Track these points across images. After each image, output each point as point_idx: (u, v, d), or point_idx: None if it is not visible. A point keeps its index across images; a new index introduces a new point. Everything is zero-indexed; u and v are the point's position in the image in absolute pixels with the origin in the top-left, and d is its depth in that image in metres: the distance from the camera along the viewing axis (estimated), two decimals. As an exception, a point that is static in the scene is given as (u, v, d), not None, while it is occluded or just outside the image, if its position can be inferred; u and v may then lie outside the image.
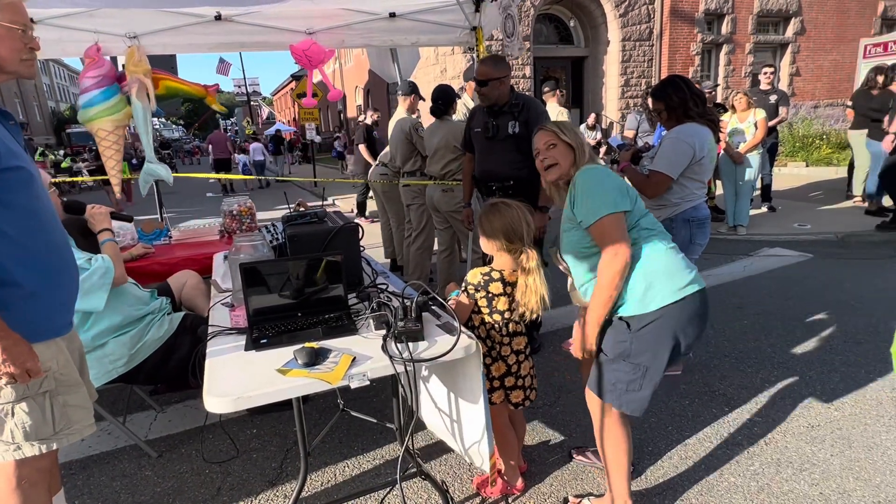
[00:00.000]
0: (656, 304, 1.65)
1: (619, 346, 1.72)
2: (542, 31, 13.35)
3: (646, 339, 1.68)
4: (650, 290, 1.66)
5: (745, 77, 13.80)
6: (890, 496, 2.02)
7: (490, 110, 3.14)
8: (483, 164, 3.28)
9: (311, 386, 1.45)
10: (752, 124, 5.62)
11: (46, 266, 1.41)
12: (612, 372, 1.76)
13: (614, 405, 1.78)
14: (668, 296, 1.66)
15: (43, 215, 1.41)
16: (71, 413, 1.50)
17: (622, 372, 1.73)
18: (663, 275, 1.68)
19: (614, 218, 1.65)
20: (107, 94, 3.36)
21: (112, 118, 3.40)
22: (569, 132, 1.87)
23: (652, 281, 1.67)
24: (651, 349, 1.68)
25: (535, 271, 1.86)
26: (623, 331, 1.71)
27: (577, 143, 1.85)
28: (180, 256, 3.16)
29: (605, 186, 1.70)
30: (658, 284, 1.67)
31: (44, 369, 1.40)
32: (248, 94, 27.54)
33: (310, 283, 1.90)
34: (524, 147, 3.09)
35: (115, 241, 2.41)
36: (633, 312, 1.69)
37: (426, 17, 3.80)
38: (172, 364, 2.38)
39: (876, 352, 3.13)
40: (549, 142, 1.87)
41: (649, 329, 1.67)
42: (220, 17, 3.51)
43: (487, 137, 3.15)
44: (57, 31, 3.34)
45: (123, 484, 2.30)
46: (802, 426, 2.48)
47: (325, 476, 2.28)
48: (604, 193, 1.68)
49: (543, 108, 3.17)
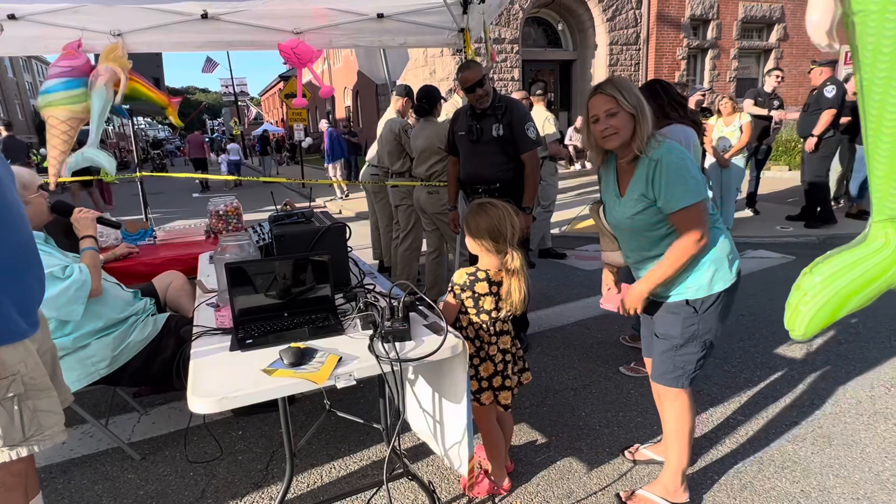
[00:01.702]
0: (719, 286, 1.79)
1: (689, 330, 1.84)
2: (530, 34, 13.43)
3: (709, 319, 1.83)
4: (716, 274, 1.79)
5: (730, 81, 14.02)
6: (868, 492, 2.05)
7: (473, 113, 3.16)
8: (468, 167, 3.29)
9: (297, 386, 1.45)
10: (737, 128, 5.71)
11: (7, 267, 1.36)
12: (684, 355, 1.88)
13: (685, 387, 1.91)
14: (730, 278, 1.80)
15: (5, 214, 1.36)
16: (42, 418, 1.45)
17: (692, 353, 1.86)
18: (725, 260, 1.80)
19: (699, 206, 1.70)
20: (70, 84, 3.17)
21: (68, 107, 3.17)
22: (630, 96, 1.73)
23: (717, 266, 1.79)
24: (714, 326, 1.85)
25: (519, 272, 1.86)
26: (691, 314, 1.83)
27: (639, 109, 1.73)
28: (165, 257, 3.12)
29: (691, 173, 1.71)
30: (722, 269, 1.80)
31: (11, 373, 1.35)
32: (235, 95, 27.32)
33: (296, 283, 1.89)
34: (509, 149, 3.12)
35: (97, 249, 2.35)
36: (700, 296, 1.80)
37: (414, 19, 3.80)
38: (157, 365, 2.34)
39: (856, 352, 3.19)
40: (610, 109, 1.74)
41: (712, 309, 1.81)
42: (206, 15, 3.48)
43: (472, 140, 3.16)
44: (39, 27, 3.29)
45: (106, 487, 2.27)
46: (784, 425, 2.51)
47: (311, 477, 2.27)
48: (690, 181, 1.70)
49: (527, 109, 3.18)
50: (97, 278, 2.21)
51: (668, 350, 1.89)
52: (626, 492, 2.07)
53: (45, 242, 2.21)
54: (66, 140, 3.28)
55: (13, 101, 32.28)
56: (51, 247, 2.22)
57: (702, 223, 1.71)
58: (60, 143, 3.27)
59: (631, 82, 1.79)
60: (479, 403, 1.94)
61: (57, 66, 3.23)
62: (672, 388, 1.92)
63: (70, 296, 2.05)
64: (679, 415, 1.95)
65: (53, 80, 3.20)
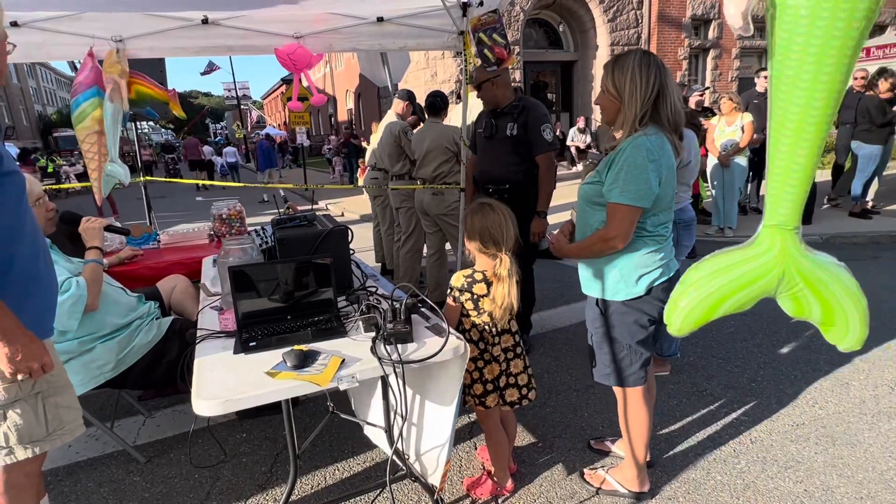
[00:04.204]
0: (620, 296, 1.82)
1: (598, 329, 1.92)
2: (531, 35, 13.45)
3: (618, 323, 1.85)
4: (620, 283, 1.81)
5: (732, 81, 13.99)
6: (872, 492, 2.05)
7: (492, 112, 3.18)
8: (481, 164, 3.33)
9: (301, 388, 1.46)
10: (739, 128, 5.70)
11: (35, 268, 1.41)
12: (604, 354, 1.94)
13: (618, 385, 1.96)
14: (632, 292, 1.80)
15: (28, 217, 1.41)
16: (63, 413, 1.52)
17: (611, 353, 1.91)
18: (634, 272, 1.79)
19: (629, 210, 1.68)
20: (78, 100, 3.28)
21: (81, 126, 3.29)
22: (619, 80, 1.70)
23: (623, 276, 1.80)
24: (631, 332, 1.85)
25: (505, 280, 1.82)
26: (598, 314, 1.90)
27: (623, 95, 1.70)
28: (169, 260, 3.13)
29: (644, 177, 1.64)
30: (626, 280, 1.80)
31: None
32: (237, 98, 27.42)
33: (299, 287, 1.91)
34: (521, 150, 3.11)
35: (101, 262, 2.36)
36: (606, 297, 1.86)
37: (414, 22, 3.81)
38: (161, 368, 2.36)
39: (859, 351, 3.17)
40: (602, 87, 1.78)
41: (618, 315, 1.85)
42: (206, 20, 3.50)
43: (486, 137, 3.19)
44: (42, 34, 3.31)
45: (111, 490, 2.28)
46: (787, 425, 2.51)
47: (314, 479, 2.28)
48: (640, 183, 1.64)
49: (546, 111, 3.18)
50: (94, 294, 2.20)
51: (593, 344, 1.97)
52: (591, 470, 2.21)
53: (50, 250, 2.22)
54: (92, 157, 3.39)
55: (18, 107, 32.42)
56: (55, 254, 2.24)
57: (622, 225, 1.69)
58: (89, 161, 3.40)
59: (641, 62, 1.68)
60: (483, 407, 1.95)
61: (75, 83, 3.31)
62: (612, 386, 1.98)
63: (65, 310, 2.05)
64: (624, 410, 2.00)
65: (75, 97, 3.29)
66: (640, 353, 1.88)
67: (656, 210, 1.74)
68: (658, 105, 1.69)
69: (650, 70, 1.67)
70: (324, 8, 3.55)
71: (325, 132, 26.99)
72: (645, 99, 1.68)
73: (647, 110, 1.69)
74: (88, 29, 3.38)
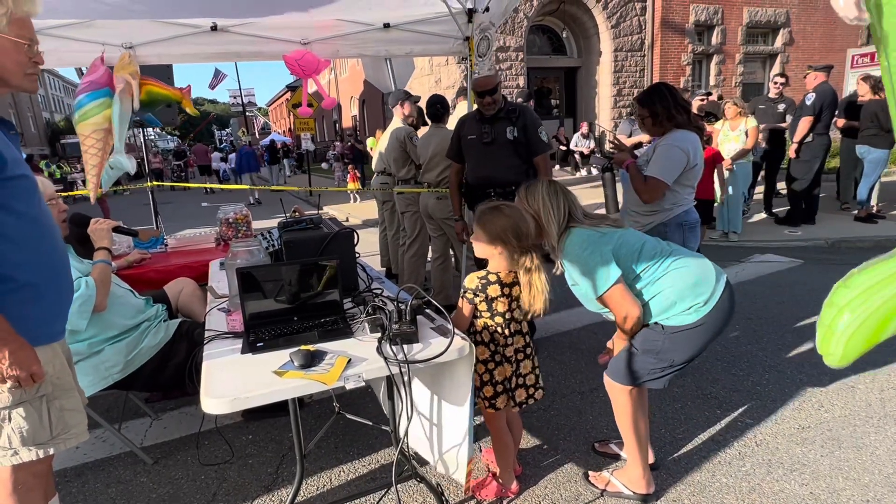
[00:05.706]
0: (675, 321, 1.86)
1: (652, 343, 1.90)
2: (535, 41, 13.50)
3: (677, 341, 1.87)
4: (670, 310, 1.87)
5: (736, 87, 13.99)
6: (878, 495, 2.05)
7: (483, 118, 3.22)
8: (480, 170, 3.33)
9: (308, 387, 1.48)
10: (742, 132, 5.71)
11: (47, 272, 1.43)
12: (639, 362, 1.94)
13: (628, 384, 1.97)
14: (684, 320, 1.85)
15: (43, 221, 1.44)
16: (67, 417, 1.50)
17: (648, 363, 1.92)
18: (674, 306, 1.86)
19: (614, 291, 1.83)
20: (86, 99, 3.30)
21: (89, 122, 3.30)
22: (533, 202, 1.97)
23: (668, 306, 1.86)
24: (683, 350, 1.88)
25: (537, 270, 1.87)
26: (659, 332, 1.90)
27: (541, 215, 1.94)
28: (176, 264, 3.17)
29: (595, 263, 1.84)
30: (674, 309, 1.85)
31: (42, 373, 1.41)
32: (243, 105, 27.61)
33: (306, 288, 1.93)
34: (522, 152, 3.19)
35: (110, 263, 2.38)
36: (660, 321, 1.89)
37: (420, 28, 3.86)
38: (169, 370, 2.38)
39: (865, 355, 3.16)
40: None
41: (680, 336, 1.87)
42: (216, 27, 3.56)
43: (485, 143, 3.22)
44: (53, 41, 3.36)
45: (119, 490, 2.30)
46: (793, 428, 2.51)
47: (320, 480, 2.29)
48: (593, 271, 1.84)
49: (536, 115, 3.26)
50: (103, 294, 2.23)
51: (626, 351, 1.98)
52: (595, 473, 2.20)
53: None
54: (96, 153, 3.38)
55: (26, 114, 32.73)
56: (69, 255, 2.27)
57: (622, 303, 1.84)
58: (91, 157, 3.39)
59: (537, 191, 1.98)
60: (493, 409, 1.95)
61: (81, 84, 3.34)
62: (616, 384, 2.00)
63: (75, 310, 2.07)
64: (622, 411, 2.02)
65: (80, 95, 3.32)
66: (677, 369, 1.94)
67: (629, 272, 1.87)
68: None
69: (558, 198, 1.95)
70: (331, 14, 3.59)
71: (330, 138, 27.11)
72: (559, 221, 1.94)
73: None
74: (100, 36, 3.43)
